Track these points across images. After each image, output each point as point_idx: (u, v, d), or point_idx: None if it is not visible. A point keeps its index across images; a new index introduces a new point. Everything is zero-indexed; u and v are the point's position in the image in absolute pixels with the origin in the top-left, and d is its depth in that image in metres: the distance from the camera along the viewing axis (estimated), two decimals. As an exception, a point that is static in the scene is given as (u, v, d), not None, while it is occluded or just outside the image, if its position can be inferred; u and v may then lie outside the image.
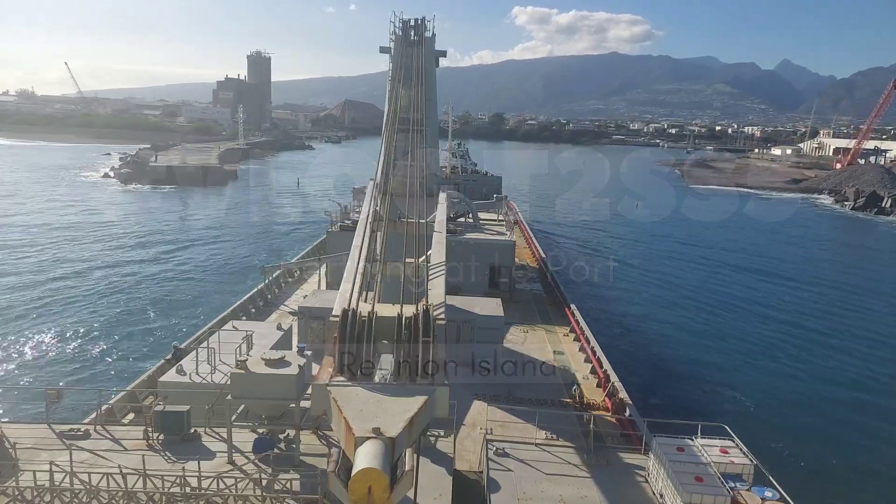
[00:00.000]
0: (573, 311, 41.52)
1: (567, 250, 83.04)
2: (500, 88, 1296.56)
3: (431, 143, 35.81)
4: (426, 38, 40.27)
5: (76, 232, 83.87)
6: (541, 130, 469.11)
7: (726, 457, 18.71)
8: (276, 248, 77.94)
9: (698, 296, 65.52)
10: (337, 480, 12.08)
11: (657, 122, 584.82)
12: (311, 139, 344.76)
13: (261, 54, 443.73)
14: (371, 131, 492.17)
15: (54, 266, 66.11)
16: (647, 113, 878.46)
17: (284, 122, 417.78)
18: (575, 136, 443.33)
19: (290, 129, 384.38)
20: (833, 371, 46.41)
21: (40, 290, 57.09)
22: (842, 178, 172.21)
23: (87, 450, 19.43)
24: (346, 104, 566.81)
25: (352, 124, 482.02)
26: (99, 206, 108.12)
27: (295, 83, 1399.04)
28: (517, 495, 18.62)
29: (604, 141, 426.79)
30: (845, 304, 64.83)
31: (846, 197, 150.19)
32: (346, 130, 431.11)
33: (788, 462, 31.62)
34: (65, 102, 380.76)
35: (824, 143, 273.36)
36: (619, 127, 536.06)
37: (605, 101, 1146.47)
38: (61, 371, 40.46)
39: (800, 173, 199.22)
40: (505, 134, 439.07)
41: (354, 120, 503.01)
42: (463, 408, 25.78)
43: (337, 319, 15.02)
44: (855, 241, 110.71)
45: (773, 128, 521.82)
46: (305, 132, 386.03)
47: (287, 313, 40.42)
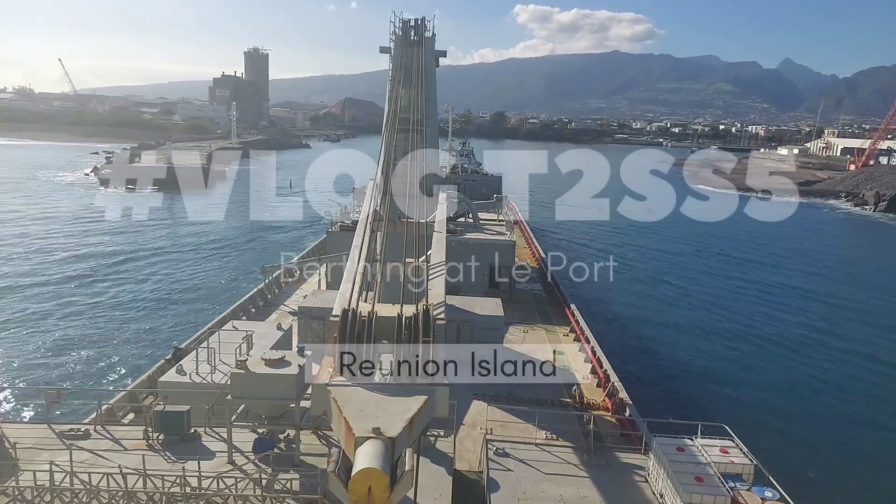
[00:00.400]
0: (573, 311, 41.51)
1: (567, 250, 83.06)
2: (502, 87, 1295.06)
3: (431, 143, 35.81)
4: (426, 38, 40.26)
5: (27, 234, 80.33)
6: (543, 129, 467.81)
7: (726, 457, 18.71)
8: (243, 270, 67.33)
9: (698, 296, 65.53)
10: (337, 480, 12.08)
11: (660, 121, 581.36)
12: (309, 137, 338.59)
13: (258, 51, 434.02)
14: (371, 130, 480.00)
15: (49, 267, 66.12)
16: (648, 112, 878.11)
17: (283, 120, 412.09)
18: (577, 134, 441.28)
19: (287, 127, 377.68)
20: (833, 371, 46.43)
21: (40, 291, 57.12)
22: (858, 180, 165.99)
23: (87, 450, 19.42)
24: (346, 102, 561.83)
25: (351, 122, 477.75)
26: (49, 209, 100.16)
27: (296, 81, 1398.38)
28: (517, 495, 18.62)
29: (606, 140, 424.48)
30: (851, 303, 64.81)
31: (865, 200, 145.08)
32: (346, 129, 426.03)
33: (788, 462, 31.60)
34: (62, 100, 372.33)
35: (831, 142, 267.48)
36: (622, 126, 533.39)
37: (606, 100, 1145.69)
38: (61, 371, 40.47)
39: (811, 174, 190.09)
40: (507, 133, 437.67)
41: (354, 118, 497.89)
42: (463, 408, 25.78)
43: (337, 319, 15.03)
44: (875, 243, 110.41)
45: (777, 127, 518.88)
46: (304, 130, 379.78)
47: (287, 313, 40.40)
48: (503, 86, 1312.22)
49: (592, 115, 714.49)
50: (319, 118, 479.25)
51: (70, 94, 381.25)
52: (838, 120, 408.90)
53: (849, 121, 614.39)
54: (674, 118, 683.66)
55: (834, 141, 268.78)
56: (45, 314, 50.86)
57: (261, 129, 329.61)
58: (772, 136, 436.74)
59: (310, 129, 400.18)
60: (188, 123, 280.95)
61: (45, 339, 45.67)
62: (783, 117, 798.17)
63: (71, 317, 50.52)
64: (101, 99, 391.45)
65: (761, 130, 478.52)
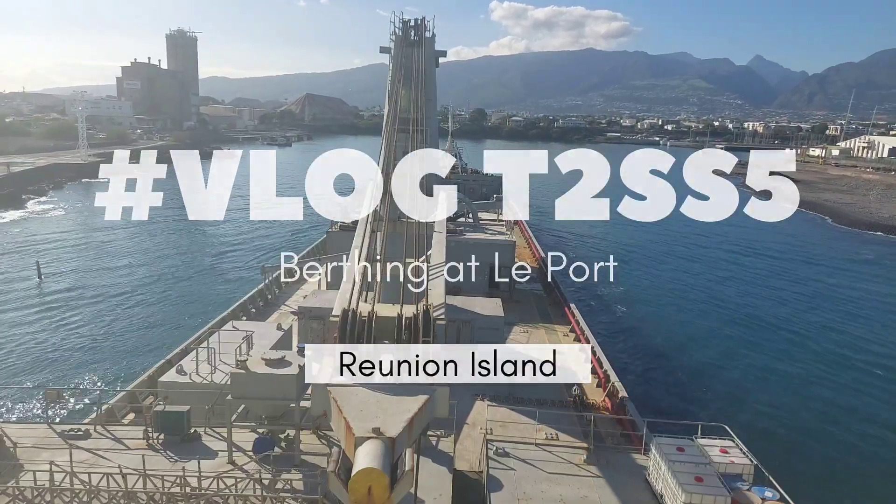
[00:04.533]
0: (573, 310, 41.53)
1: (567, 250, 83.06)
2: (479, 85, 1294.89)
3: (431, 143, 35.79)
4: (426, 38, 40.27)
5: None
6: (527, 128, 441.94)
7: (726, 457, 18.72)
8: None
9: (699, 296, 65.53)
10: (337, 480, 12.09)
11: (651, 118, 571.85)
12: (252, 140, 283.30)
13: (185, 33, 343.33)
14: (334, 129, 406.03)
15: (52, 270, 66.11)
16: (625, 108, 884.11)
17: (220, 119, 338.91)
18: (566, 133, 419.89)
19: (223, 128, 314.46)
20: (834, 372, 46.40)
21: (40, 291, 57.12)
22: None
23: (88, 450, 19.42)
24: (307, 98, 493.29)
25: (313, 122, 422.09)
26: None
27: (266, 80, 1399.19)
28: (517, 495, 18.63)
29: (598, 139, 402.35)
30: (859, 305, 64.69)
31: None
32: (304, 129, 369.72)
33: (788, 462, 31.60)
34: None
35: (875, 141, 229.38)
36: (612, 123, 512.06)
37: (583, 97, 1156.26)
38: (61, 371, 40.46)
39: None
40: (488, 132, 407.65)
41: (316, 117, 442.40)
42: (463, 408, 25.78)
43: (337, 319, 15.05)
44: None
45: (776, 124, 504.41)
46: (244, 132, 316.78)
47: (287, 313, 40.40)
48: (480, 83, 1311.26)
49: (570, 112, 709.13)
50: (271, 117, 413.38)
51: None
52: (843, 115, 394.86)
53: (820, 116, 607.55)
54: (651, 115, 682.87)
55: (879, 140, 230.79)
56: (45, 314, 50.87)
57: (186, 130, 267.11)
58: (772, 133, 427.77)
59: (256, 129, 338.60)
60: (50, 128, 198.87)
61: (45, 339, 45.67)
62: (757, 113, 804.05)
63: (71, 317, 50.50)
64: (26, 97, 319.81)
65: (759, 127, 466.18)
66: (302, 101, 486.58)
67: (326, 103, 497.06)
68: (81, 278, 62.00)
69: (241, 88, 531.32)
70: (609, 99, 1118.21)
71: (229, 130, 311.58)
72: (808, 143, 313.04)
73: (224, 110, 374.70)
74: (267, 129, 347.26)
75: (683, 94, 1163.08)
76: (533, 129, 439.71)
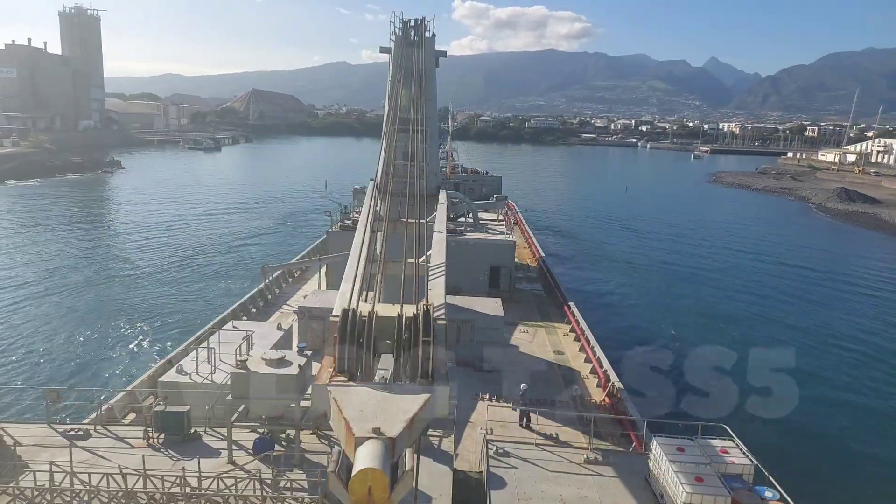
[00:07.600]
0: (573, 310, 41.52)
1: (567, 250, 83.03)
2: (440, 84, 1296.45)
3: (431, 142, 35.83)
4: (426, 38, 40.30)
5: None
6: (497, 129, 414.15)
7: (726, 457, 18.72)
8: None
9: (699, 297, 65.48)
10: (337, 480, 12.06)
11: (624, 119, 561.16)
12: (172, 142, 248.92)
13: (85, 11, 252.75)
14: (284, 130, 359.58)
15: (53, 267, 66.08)
16: (587, 109, 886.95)
17: (132, 117, 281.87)
18: (538, 134, 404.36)
19: (136, 128, 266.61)
20: (834, 372, 46.38)
21: (38, 292, 57.08)
22: None
23: (88, 450, 19.43)
24: (253, 94, 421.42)
25: (258, 121, 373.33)
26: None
27: (222, 77, 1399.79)
28: (517, 495, 18.63)
29: (572, 141, 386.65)
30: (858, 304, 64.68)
31: None
32: (246, 129, 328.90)
33: (788, 462, 31.56)
34: None
35: (892, 145, 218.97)
36: (584, 123, 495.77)
37: (545, 98, 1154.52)
38: (61, 371, 40.44)
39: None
40: (454, 133, 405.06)
41: (263, 115, 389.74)
42: (463, 408, 25.80)
43: (337, 319, 15.01)
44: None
45: (753, 125, 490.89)
46: (165, 133, 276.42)
47: (287, 313, 40.42)
48: (442, 83, 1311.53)
49: (533, 112, 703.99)
50: (205, 115, 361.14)
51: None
52: (798, 116, 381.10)
53: (776, 117, 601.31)
54: (612, 115, 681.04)
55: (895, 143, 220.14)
56: (45, 315, 50.83)
57: (84, 130, 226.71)
58: (747, 134, 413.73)
59: (183, 129, 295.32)
60: None
61: (45, 339, 45.63)
62: (715, 114, 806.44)
63: (71, 317, 50.47)
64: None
65: (735, 128, 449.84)
66: (247, 97, 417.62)
67: (276, 100, 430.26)
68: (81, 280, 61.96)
69: (198, 87, 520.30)
70: (571, 99, 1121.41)
71: (143, 131, 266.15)
72: (794, 147, 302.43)
73: (140, 107, 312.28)
74: (200, 128, 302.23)
75: (643, 95, 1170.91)
76: (503, 129, 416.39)
